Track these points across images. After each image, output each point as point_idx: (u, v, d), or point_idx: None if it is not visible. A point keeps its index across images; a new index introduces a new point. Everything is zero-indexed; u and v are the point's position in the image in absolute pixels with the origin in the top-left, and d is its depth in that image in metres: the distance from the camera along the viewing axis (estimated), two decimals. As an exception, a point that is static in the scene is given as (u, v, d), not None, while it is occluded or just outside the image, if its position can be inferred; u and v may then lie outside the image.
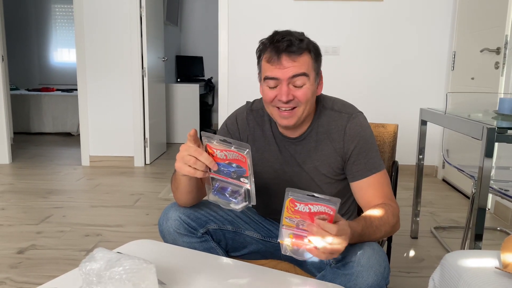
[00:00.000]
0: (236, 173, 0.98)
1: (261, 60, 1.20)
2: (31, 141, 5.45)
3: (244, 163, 0.97)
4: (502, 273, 0.97)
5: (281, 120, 1.19)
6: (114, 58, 4.00)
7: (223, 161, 0.98)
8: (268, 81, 1.16)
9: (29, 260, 2.09)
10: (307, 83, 1.15)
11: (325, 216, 0.91)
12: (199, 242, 1.24)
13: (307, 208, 0.92)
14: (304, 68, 1.14)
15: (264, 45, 1.18)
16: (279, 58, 1.13)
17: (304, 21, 3.81)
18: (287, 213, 0.93)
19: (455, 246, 2.29)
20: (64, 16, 7.21)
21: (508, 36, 2.74)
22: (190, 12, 6.62)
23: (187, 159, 1.01)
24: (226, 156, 0.98)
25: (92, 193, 3.24)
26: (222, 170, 0.99)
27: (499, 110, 1.88)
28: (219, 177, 1.00)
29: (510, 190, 1.85)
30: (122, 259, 0.82)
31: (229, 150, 0.97)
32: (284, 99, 1.14)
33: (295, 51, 1.13)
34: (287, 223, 0.94)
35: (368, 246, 1.05)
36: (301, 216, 0.92)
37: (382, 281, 1.02)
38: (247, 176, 0.98)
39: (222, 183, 1.00)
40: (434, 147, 3.59)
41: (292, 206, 0.93)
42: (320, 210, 0.91)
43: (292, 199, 0.93)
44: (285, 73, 1.13)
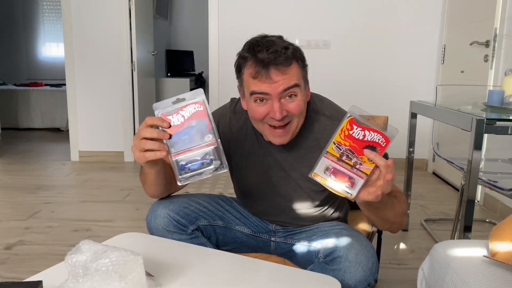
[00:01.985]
0: (198, 133, 0.90)
1: (243, 75, 1.09)
2: (19, 136, 5.38)
3: (203, 112, 0.90)
4: (491, 262, 0.98)
5: (275, 139, 1.11)
6: (103, 52, 3.95)
7: (182, 126, 0.90)
8: (257, 96, 1.06)
9: (17, 256, 2.06)
10: (298, 94, 1.06)
11: (376, 147, 0.87)
12: (189, 239, 1.22)
13: (362, 134, 0.87)
14: (294, 79, 1.05)
15: (244, 59, 1.08)
16: (267, 72, 1.02)
17: (295, 15, 3.80)
18: (339, 136, 0.88)
19: (445, 238, 2.31)
20: (52, 10, 7.10)
21: (497, 29, 2.75)
22: (180, 5, 6.56)
23: (138, 145, 0.93)
24: (183, 116, 0.90)
25: (81, 189, 3.21)
26: (184, 141, 0.91)
27: (488, 102, 1.89)
28: (182, 154, 0.91)
29: (499, 182, 1.86)
30: (109, 251, 0.80)
31: (184, 107, 0.90)
32: (278, 117, 1.04)
33: (283, 62, 1.03)
34: (332, 150, 0.88)
35: (357, 242, 1.05)
36: (351, 143, 0.87)
37: (370, 277, 1.02)
38: (210, 129, 0.91)
39: (188, 159, 0.91)
40: (424, 141, 3.60)
41: (348, 129, 0.87)
42: (374, 138, 0.86)
43: (352, 120, 0.88)
44: (275, 88, 1.03)
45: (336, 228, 1.16)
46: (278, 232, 1.30)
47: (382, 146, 0.87)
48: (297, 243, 1.24)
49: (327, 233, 1.14)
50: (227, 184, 3.32)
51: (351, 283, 0.99)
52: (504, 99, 1.84)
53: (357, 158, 0.87)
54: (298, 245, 1.23)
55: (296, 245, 1.24)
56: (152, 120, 0.92)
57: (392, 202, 1.05)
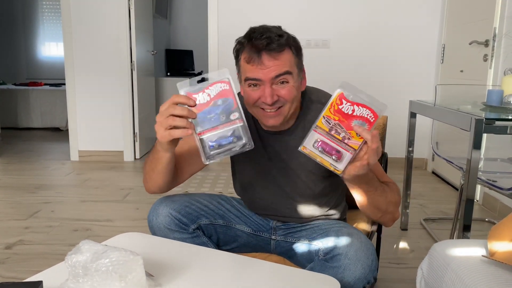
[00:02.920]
0: (224, 112, 0.90)
1: (240, 60, 1.13)
2: (19, 136, 5.38)
3: (229, 91, 0.90)
4: (489, 261, 0.98)
5: (266, 120, 1.13)
6: (102, 52, 3.95)
7: (208, 104, 0.90)
8: (250, 82, 1.10)
9: (17, 255, 2.06)
10: (290, 80, 1.10)
11: (365, 123, 0.88)
12: (190, 238, 1.23)
13: (351, 109, 0.89)
14: (287, 65, 1.08)
15: (241, 44, 1.12)
16: (259, 57, 1.06)
17: (294, 14, 3.79)
18: (328, 111, 0.90)
19: (444, 237, 2.31)
20: (51, 9, 7.10)
21: (496, 28, 2.75)
22: (179, 4, 6.55)
23: (165, 122, 0.92)
24: (209, 95, 0.89)
25: (81, 188, 3.21)
26: (210, 119, 0.90)
27: (487, 101, 1.89)
28: (208, 133, 0.90)
29: (498, 181, 1.87)
30: (109, 251, 0.81)
31: (210, 86, 0.89)
32: (269, 101, 1.08)
33: (275, 48, 1.06)
34: (322, 124, 0.90)
35: (356, 239, 1.06)
36: (340, 118, 0.89)
37: (370, 274, 1.02)
38: (236, 108, 0.91)
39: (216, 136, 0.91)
40: (423, 140, 3.60)
41: (338, 104, 0.89)
42: (363, 113, 0.88)
43: (341, 95, 0.90)
44: (267, 73, 1.07)
45: (335, 226, 1.17)
46: (279, 230, 1.30)
47: (370, 122, 0.89)
48: (297, 242, 1.24)
49: (327, 231, 1.15)
50: (227, 183, 3.32)
51: (350, 281, 1.00)
52: (503, 98, 1.84)
53: (346, 132, 0.89)
54: (298, 243, 1.23)
55: (296, 243, 1.24)
56: (179, 98, 0.91)
57: (383, 189, 1.08)
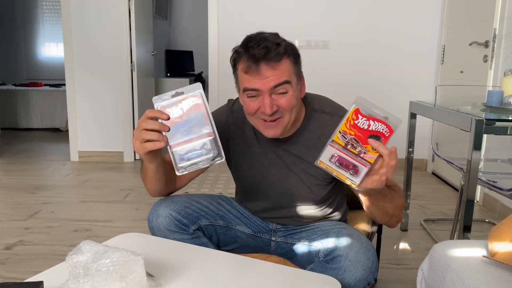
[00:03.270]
0: (196, 126, 0.93)
1: (237, 69, 1.12)
2: (19, 136, 5.38)
3: (201, 105, 0.92)
4: (490, 262, 0.98)
5: (267, 131, 1.13)
6: (102, 52, 3.95)
7: (180, 118, 0.93)
8: (249, 92, 1.09)
9: (17, 256, 2.06)
10: (290, 90, 1.08)
11: (380, 137, 0.91)
12: (190, 238, 1.22)
13: (366, 124, 0.91)
14: (286, 75, 1.07)
15: (238, 54, 1.10)
16: (257, 68, 1.05)
17: (295, 15, 3.80)
18: (344, 126, 0.92)
19: (445, 238, 2.31)
20: (51, 10, 7.10)
21: (496, 29, 2.75)
22: (179, 5, 6.56)
23: (139, 136, 0.96)
24: (181, 109, 0.93)
25: (81, 189, 3.21)
26: (182, 132, 0.93)
27: (487, 102, 1.89)
28: (181, 146, 0.94)
29: (498, 182, 1.87)
30: (109, 251, 0.80)
31: (183, 100, 0.93)
32: (269, 112, 1.06)
33: (273, 58, 1.05)
34: (338, 139, 0.92)
35: (357, 241, 1.06)
36: (356, 133, 0.91)
37: (370, 276, 1.02)
38: (207, 121, 0.93)
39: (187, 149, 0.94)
40: (423, 141, 3.60)
41: (354, 119, 0.91)
42: (379, 128, 0.90)
43: (357, 110, 0.92)
44: (266, 83, 1.05)
45: (336, 228, 1.17)
46: (279, 232, 1.30)
47: (386, 136, 0.91)
48: (297, 243, 1.24)
49: (327, 233, 1.15)
50: (227, 184, 3.32)
51: (351, 282, 1.00)
52: (503, 99, 1.84)
53: (362, 147, 0.91)
54: (299, 244, 1.23)
55: (296, 244, 1.24)
56: (152, 112, 0.94)
57: (392, 195, 1.09)
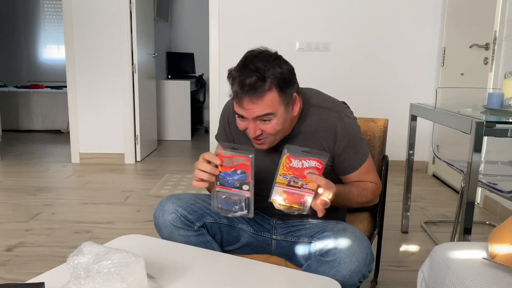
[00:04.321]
0: (239, 181, 1.09)
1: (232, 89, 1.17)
2: (20, 138, 5.38)
3: (248, 167, 1.07)
4: (490, 264, 0.98)
5: (256, 145, 1.22)
6: (103, 55, 3.96)
7: (230, 169, 1.09)
8: (237, 115, 1.18)
9: (18, 258, 2.06)
10: (274, 119, 1.14)
11: (315, 170, 1.04)
12: (195, 235, 1.25)
13: (300, 164, 1.04)
14: (269, 108, 1.11)
15: (232, 77, 1.15)
16: (240, 101, 1.11)
17: (296, 17, 3.81)
18: (282, 170, 1.06)
19: (445, 240, 2.31)
20: (53, 12, 7.12)
21: (496, 32, 2.76)
22: (180, 8, 6.57)
23: (195, 173, 1.11)
24: (233, 162, 1.09)
25: (82, 190, 3.21)
26: (227, 180, 1.10)
27: (487, 104, 1.90)
28: (223, 189, 1.11)
29: (498, 184, 1.87)
30: (110, 252, 0.81)
31: (236, 156, 1.08)
32: (252, 136, 1.17)
33: (257, 94, 1.09)
34: (280, 180, 1.06)
35: (351, 233, 1.09)
36: (294, 172, 1.04)
37: (364, 268, 1.05)
38: (248, 182, 1.08)
39: (226, 194, 1.11)
40: (424, 143, 3.61)
41: (288, 163, 1.05)
42: (311, 165, 1.04)
43: (288, 156, 1.06)
44: (249, 113, 1.13)
45: (332, 223, 1.21)
46: (279, 229, 1.32)
47: (319, 169, 1.04)
48: (297, 241, 1.27)
49: (324, 228, 1.18)
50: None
51: (346, 274, 1.02)
52: (503, 101, 1.84)
53: (302, 181, 1.05)
54: (298, 243, 1.26)
55: (296, 243, 1.27)
56: (209, 156, 1.10)
57: (348, 196, 1.21)
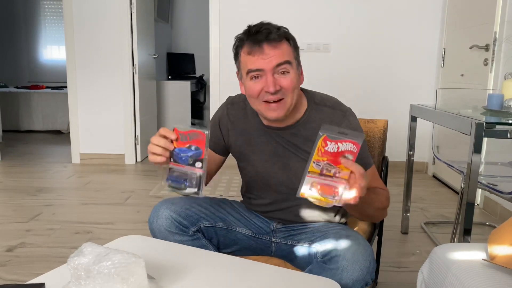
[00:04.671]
0: (193, 157, 1.04)
1: (240, 56, 1.19)
2: (20, 139, 5.39)
3: (202, 143, 1.03)
4: (490, 265, 0.99)
5: (270, 113, 1.18)
6: (104, 55, 3.96)
7: (184, 144, 1.04)
8: (252, 74, 1.15)
9: (18, 258, 2.07)
10: (291, 71, 1.15)
11: (350, 155, 0.96)
12: (190, 240, 1.24)
13: (336, 148, 0.96)
14: (286, 55, 1.15)
15: (241, 40, 1.18)
16: (260, 48, 1.13)
17: (295, 18, 3.81)
18: (317, 155, 0.96)
19: (445, 241, 2.31)
20: (53, 12, 7.12)
21: (496, 33, 2.76)
22: (181, 8, 6.58)
23: (150, 148, 1.06)
24: (188, 138, 1.04)
25: (82, 191, 3.22)
26: (181, 157, 1.05)
27: (487, 106, 1.90)
28: (177, 166, 1.06)
29: (498, 185, 1.87)
30: (111, 253, 0.81)
31: (192, 131, 1.04)
32: (272, 90, 1.12)
33: (275, 38, 1.13)
34: (313, 169, 0.97)
35: (354, 241, 1.07)
36: (329, 158, 0.96)
37: (368, 276, 1.03)
38: (202, 159, 1.03)
39: (178, 172, 1.06)
40: (424, 144, 3.61)
41: (323, 146, 0.96)
42: (347, 148, 0.96)
43: (325, 138, 0.97)
44: (269, 62, 1.12)
45: (335, 229, 1.19)
46: (279, 232, 1.31)
47: (354, 153, 0.96)
48: (297, 244, 1.25)
49: (326, 234, 1.16)
50: (228, 187, 3.32)
51: (348, 282, 1.01)
52: (503, 102, 1.85)
53: (335, 168, 0.97)
54: (298, 246, 1.24)
55: (296, 246, 1.25)
56: (164, 131, 1.05)
57: (372, 199, 1.13)
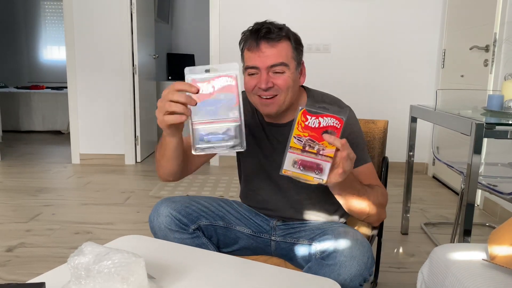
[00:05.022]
0: (224, 107, 0.89)
1: (244, 51, 1.22)
2: (20, 139, 5.39)
3: (234, 88, 0.89)
4: (490, 265, 0.99)
5: (262, 108, 1.21)
6: (104, 55, 3.96)
7: (209, 96, 0.89)
8: (249, 70, 1.18)
9: (18, 258, 2.07)
10: (287, 72, 1.17)
11: (333, 130, 0.92)
12: (190, 238, 1.24)
13: (317, 122, 0.92)
14: (283, 56, 1.16)
15: (245, 36, 1.21)
16: (258, 45, 1.15)
17: (296, 19, 3.81)
18: (297, 130, 0.92)
19: (445, 241, 2.31)
20: (53, 13, 7.13)
21: (496, 34, 2.76)
22: (181, 9, 6.58)
23: (162, 107, 0.93)
24: (213, 86, 0.89)
25: (82, 191, 3.22)
26: (208, 111, 0.89)
27: (487, 106, 1.90)
28: (203, 124, 0.90)
29: (498, 186, 1.87)
30: (111, 253, 0.81)
31: (217, 77, 0.89)
32: (264, 86, 1.15)
33: (273, 38, 1.15)
34: (294, 144, 0.92)
35: (352, 237, 1.08)
36: (310, 133, 0.92)
37: (365, 271, 1.04)
38: (237, 107, 0.89)
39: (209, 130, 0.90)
40: (424, 144, 3.61)
41: (303, 121, 0.92)
42: (329, 123, 0.92)
43: (305, 111, 0.92)
44: (264, 61, 1.15)
45: (333, 226, 1.21)
46: (279, 230, 1.32)
47: (338, 128, 0.92)
48: (296, 242, 1.27)
49: (325, 231, 1.18)
50: (228, 187, 3.32)
51: (346, 278, 1.02)
52: (503, 103, 1.85)
53: (319, 144, 0.92)
54: (298, 244, 1.26)
55: (295, 244, 1.27)
56: (180, 85, 0.91)
57: (365, 191, 1.13)
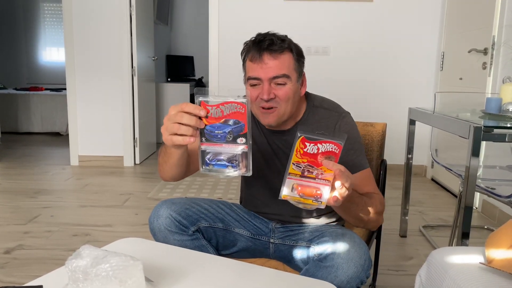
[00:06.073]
0: (233, 132, 0.89)
1: (246, 62, 1.23)
2: (19, 141, 5.38)
3: (243, 115, 0.88)
4: (487, 269, 0.99)
5: (263, 118, 1.22)
6: (103, 57, 3.96)
7: (218, 120, 0.89)
8: (251, 81, 1.19)
9: (16, 260, 2.06)
10: (288, 83, 1.18)
11: (331, 156, 0.92)
12: (190, 240, 1.25)
13: (315, 148, 0.92)
14: (285, 68, 1.17)
15: (248, 46, 1.22)
16: (260, 56, 1.16)
17: (295, 21, 3.82)
18: (295, 157, 0.92)
19: (443, 244, 2.31)
20: (53, 14, 7.14)
21: (495, 37, 2.77)
22: (180, 11, 6.59)
23: (170, 127, 0.93)
24: (222, 112, 0.88)
25: (81, 193, 3.21)
26: (216, 134, 0.89)
27: (486, 109, 1.90)
28: (211, 146, 0.90)
29: (496, 189, 1.87)
30: (109, 256, 0.81)
31: (226, 102, 0.88)
32: (265, 97, 1.16)
33: (276, 49, 1.16)
34: (293, 170, 0.92)
35: (349, 239, 1.09)
36: (309, 159, 0.92)
37: (362, 273, 1.05)
38: (245, 134, 0.89)
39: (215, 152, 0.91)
40: (423, 147, 3.61)
41: (302, 148, 0.92)
42: (328, 148, 0.92)
43: (303, 138, 0.92)
44: (266, 72, 1.16)
45: (331, 228, 1.22)
46: (278, 232, 1.33)
47: (336, 153, 0.93)
48: (295, 245, 1.27)
49: (323, 233, 1.18)
50: (226, 189, 3.32)
51: (343, 279, 1.03)
52: (502, 106, 1.85)
53: (317, 169, 0.93)
54: (296, 246, 1.26)
55: (294, 247, 1.27)
56: (189, 107, 0.91)
57: (364, 202, 1.13)
